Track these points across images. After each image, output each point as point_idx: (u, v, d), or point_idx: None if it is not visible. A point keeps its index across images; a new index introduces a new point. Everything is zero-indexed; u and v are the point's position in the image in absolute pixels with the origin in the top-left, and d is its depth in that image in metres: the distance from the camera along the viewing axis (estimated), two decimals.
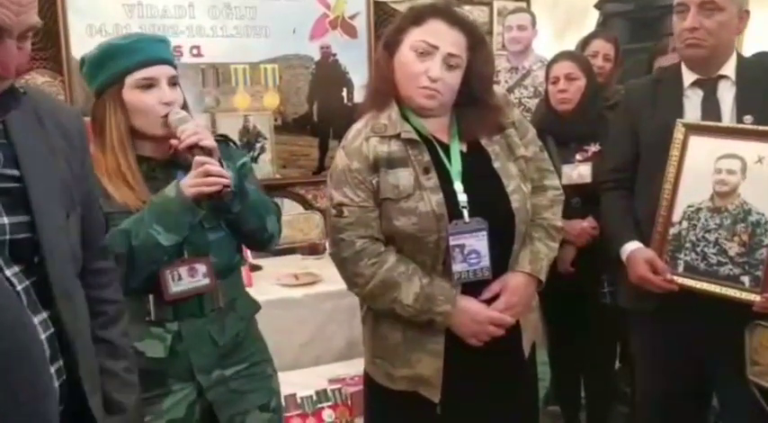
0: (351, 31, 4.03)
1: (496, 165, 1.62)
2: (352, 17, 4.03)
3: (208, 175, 1.44)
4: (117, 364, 1.22)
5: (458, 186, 1.57)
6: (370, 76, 1.76)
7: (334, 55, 4.00)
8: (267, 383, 1.70)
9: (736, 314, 1.74)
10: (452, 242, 1.54)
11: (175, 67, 1.57)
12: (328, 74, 4.00)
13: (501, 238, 1.59)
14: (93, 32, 3.50)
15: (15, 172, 1.01)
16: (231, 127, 3.82)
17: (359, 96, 4.00)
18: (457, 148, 1.61)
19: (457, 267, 1.56)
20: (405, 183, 1.53)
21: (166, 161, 1.56)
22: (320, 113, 4.01)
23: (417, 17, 1.56)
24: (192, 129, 1.47)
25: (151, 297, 1.52)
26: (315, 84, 3.97)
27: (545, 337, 2.78)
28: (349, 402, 2.52)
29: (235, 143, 1.73)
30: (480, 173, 1.61)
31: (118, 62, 1.48)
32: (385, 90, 1.59)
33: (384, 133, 1.56)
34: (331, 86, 4.01)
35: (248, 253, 2.99)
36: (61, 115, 1.15)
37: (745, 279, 1.73)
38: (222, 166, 1.48)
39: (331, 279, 2.77)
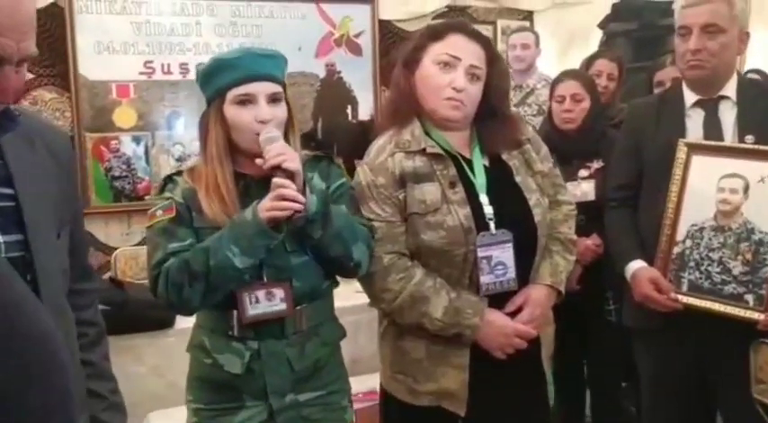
0: (356, 49, 4.07)
1: (518, 179, 1.64)
2: (357, 35, 4.07)
3: (282, 198, 1.39)
4: (102, 385, 1.22)
5: (483, 199, 1.59)
6: (382, 95, 1.78)
7: (339, 72, 4.04)
8: (340, 415, 1.62)
9: (741, 333, 1.74)
10: (480, 254, 1.54)
11: (282, 84, 1.53)
12: (333, 91, 4.04)
13: (523, 250, 1.60)
14: (101, 50, 3.54)
15: (10, 191, 1.03)
16: None
17: (363, 114, 4.04)
18: (480, 161, 1.63)
19: (484, 279, 1.56)
20: (431, 197, 1.55)
21: (262, 179, 1.48)
22: (325, 130, 4.04)
23: (437, 33, 1.60)
24: (278, 150, 1.42)
25: (235, 313, 1.49)
26: (319, 101, 4.01)
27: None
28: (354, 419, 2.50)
29: (339, 164, 1.66)
30: (503, 186, 1.62)
31: (221, 77, 1.48)
32: (406, 107, 1.61)
33: (409, 149, 1.57)
34: (335, 104, 4.05)
35: None
36: (50, 136, 1.17)
37: (749, 298, 1.73)
38: (304, 190, 1.42)
39: (337, 295, 2.76)
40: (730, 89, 1.86)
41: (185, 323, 2.37)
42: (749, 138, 1.78)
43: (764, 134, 1.77)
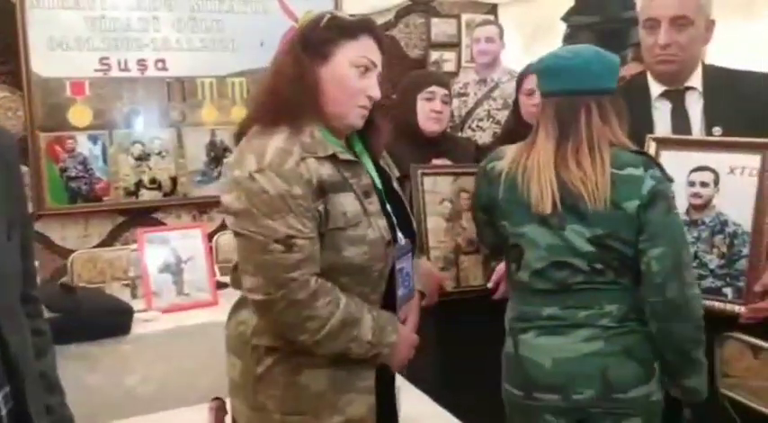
0: None
1: (395, 185, 1.59)
2: None
3: None
4: (52, 398, 1.17)
5: (389, 208, 1.49)
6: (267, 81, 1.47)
7: None
8: None
9: (706, 327, 1.74)
10: (397, 266, 1.47)
11: None
12: None
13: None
14: (54, 46, 3.43)
15: None
16: (198, 141, 3.78)
17: None
18: (372, 168, 1.52)
19: (399, 292, 1.49)
20: (351, 209, 1.39)
21: None
22: None
23: (350, 31, 1.43)
24: None
25: None
26: None
27: None
28: None
29: None
30: (390, 193, 1.54)
31: None
32: (303, 102, 1.40)
33: (317, 153, 1.38)
34: None
35: (216, 269, 2.93)
36: None
37: (728, 291, 1.72)
38: None
39: None
40: (696, 79, 1.84)
41: (142, 329, 2.32)
42: (717, 129, 1.76)
43: (732, 125, 1.75)
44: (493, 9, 4.59)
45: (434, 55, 4.44)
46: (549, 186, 1.56)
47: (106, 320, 2.21)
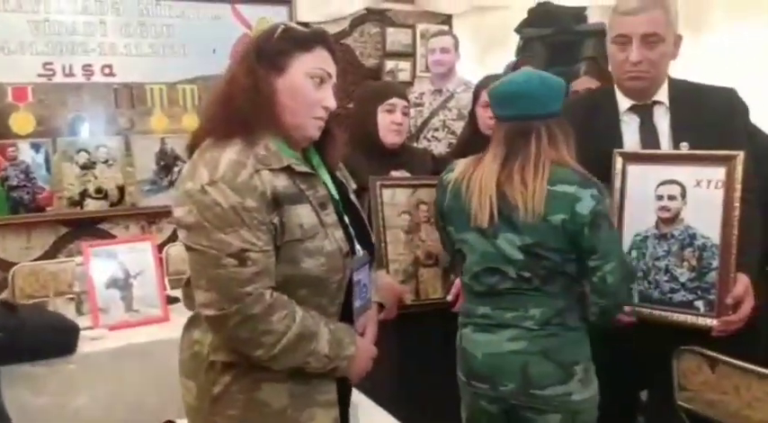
0: None
1: (353, 196, 1.59)
2: None
3: None
4: None
5: (346, 219, 1.48)
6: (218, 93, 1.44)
7: None
8: None
9: (669, 340, 1.75)
10: (354, 278, 1.45)
11: None
12: None
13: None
14: None
15: None
16: (147, 149, 3.68)
17: None
18: (329, 179, 1.51)
19: (356, 304, 1.48)
20: (308, 221, 1.37)
21: None
22: None
23: (304, 43, 1.42)
24: None
25: None
26: None
27: None
28: None
29: None
30: (347, 204, 1.54)
31: None
32: (258, 114, 1.38)
33: (271, 166, 1.36)
34: None
35: (167, 282, 2.84)
36: None
37: (700, 304, 1.73)
38: None
39: None
40: (663, 94, 1.84)
41: (88, 348, 2.22)
42: (684, 145, 1.78)
43: (698, 139, 1.76)
44: (448, 19, 4.60)
45: (389, 64, 4.43)
46: (488, 203, 1.69)
47: (50, 339, 2.10)
